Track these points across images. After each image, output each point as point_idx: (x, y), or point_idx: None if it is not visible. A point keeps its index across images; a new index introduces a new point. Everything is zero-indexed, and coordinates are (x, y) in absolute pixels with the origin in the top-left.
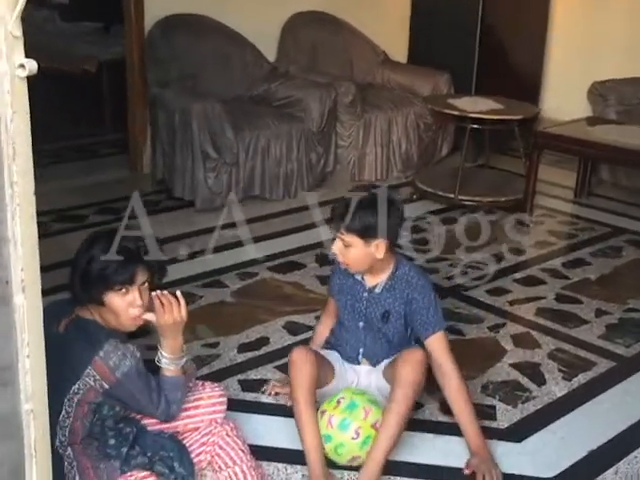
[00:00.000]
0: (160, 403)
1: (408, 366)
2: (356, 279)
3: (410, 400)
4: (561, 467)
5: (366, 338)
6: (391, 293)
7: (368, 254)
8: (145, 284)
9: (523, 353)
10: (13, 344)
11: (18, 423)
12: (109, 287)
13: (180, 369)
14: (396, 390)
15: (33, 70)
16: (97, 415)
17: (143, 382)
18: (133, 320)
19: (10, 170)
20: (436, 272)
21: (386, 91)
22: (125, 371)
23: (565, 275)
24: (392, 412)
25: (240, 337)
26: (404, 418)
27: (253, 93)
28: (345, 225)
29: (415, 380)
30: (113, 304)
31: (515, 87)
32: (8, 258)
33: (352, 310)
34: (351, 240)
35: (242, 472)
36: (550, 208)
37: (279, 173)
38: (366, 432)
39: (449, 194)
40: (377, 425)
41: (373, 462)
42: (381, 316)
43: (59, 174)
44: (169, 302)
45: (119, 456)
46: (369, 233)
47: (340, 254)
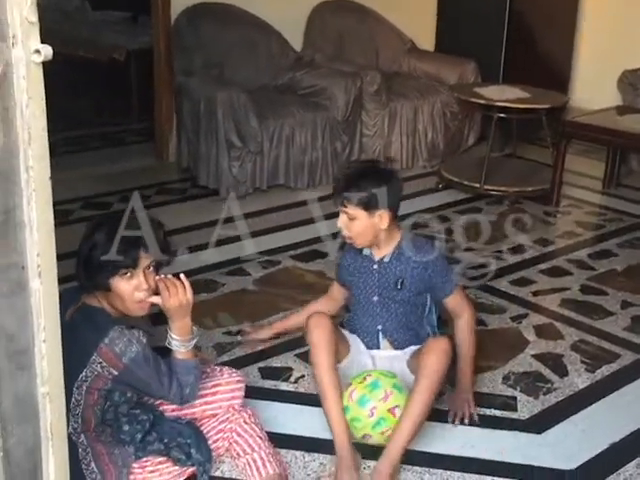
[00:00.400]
0: (172, 387)
1: (433, 355)
2: (365, 255)
3: (434, 389)
4: (582, 459)
5: (382, 311)
6: (401, 260)
7: (372, 225)
8: (150, 268)
9: (546, 344)
10: (29, 329)
11: (34, 406)
12: (114, 272)
13: (191, 352)
14: (420, 379)
15: (48, 56)
16: (108, 402)
17: (151, 367)
18: (140, 304)
19: (26, 155)
20: (460, 262)
21: (412, 80)
22: (132, 357)
23: (591, 266)
24: (416, 401)
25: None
26: (427, 407)
27: (278, 82)
28: (348, 197)
29: (439, 369)
30: (119, 289)
31: (544, 76)
32: (24, 243)
33: (365, 286)
34: (355, 212)
35: (260, 459)
36: (577, 199)
37: (304, 162)
38: (380, 413)
39: (475, 184)
40: (395, 411)
41: (394, 449)
42: (394, 284)
43: (86, 162)
44: (174, 285)
45: (133, 442)
46: (372, 204)
47: (345, 228)
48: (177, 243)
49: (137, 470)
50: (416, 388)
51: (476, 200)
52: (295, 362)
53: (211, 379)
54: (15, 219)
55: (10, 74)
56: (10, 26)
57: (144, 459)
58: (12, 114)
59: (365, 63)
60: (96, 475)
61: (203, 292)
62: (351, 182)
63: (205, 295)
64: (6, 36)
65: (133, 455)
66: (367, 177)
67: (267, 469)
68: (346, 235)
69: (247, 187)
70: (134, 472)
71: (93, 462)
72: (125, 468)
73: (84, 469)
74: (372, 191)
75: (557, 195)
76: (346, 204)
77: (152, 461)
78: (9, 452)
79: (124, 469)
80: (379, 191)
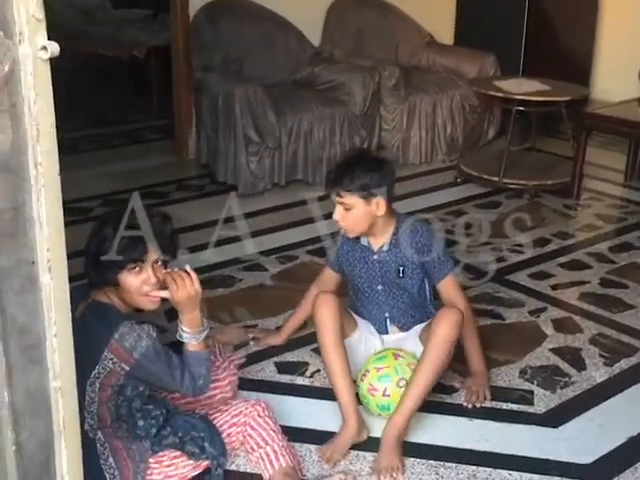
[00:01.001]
0: (184, 379)
1: (445, 324)
2: (363, 246)
3: (443, 359)
4: (599, 453)
5: (387, 299)
6: (399, 248)
7: (369, 213)
8: (159, 262)
9: (564, 338)
10: (41, 323)
11: (46, 400)
12: (122, 267)
13: (203, 344)
14: (430, 348)
15: (55, 52)
16: (121, 397)
17: (163, 360)
18: (149, 298)
19: (34, 151)
20: (477, 256)
21: (431, 74)
22: (143, 351)
23: (611, 259)
24: (423, 369)
25: (278, 320)
26: (435, 375)
27: (296, 77)
28: (344, 187)
29: (450, 338)
30: (127, 283)
31: (565, 69)
32: (34, 239)
33: (367, 276)
34: (352, 201)
35: (273, 452)
36: (598, 191)
37: (322, 157)
38: (388, 359)
39: (494, 177)
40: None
41: (400, 414)
42: (396, 272)
43: (106, 159)
44: (181, 277)
45: (148, 436)
46: (368, 191)
47: (341, 219)
48: (195, 239)
49: (154, 465)
50: (425, 356)
51: (495, 194)
52: (311, 357)
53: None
54: (25, 215)
55: (17, 71)
56: (17, 23)
57: (160, 454)
58: (20, 111)
59: (384, 58)
60: (114, 470)
61: (220, 287)
62: (345, 171)
63: (222, 290)
64: (13, 33)
65: (150, 450)
66: (360, 165)
67: (280, 462)
68: (343, 226)
69: (265, 183)
70: (151, 467)
71: (111, 457)
72: (142, 463)
73: (102, 464)
74: (367, 178)
75: (577, 188)
76: (342, 194)
77: (168, 455)
78: (22, 445)
79: (141, 464)
80: (373, 178)
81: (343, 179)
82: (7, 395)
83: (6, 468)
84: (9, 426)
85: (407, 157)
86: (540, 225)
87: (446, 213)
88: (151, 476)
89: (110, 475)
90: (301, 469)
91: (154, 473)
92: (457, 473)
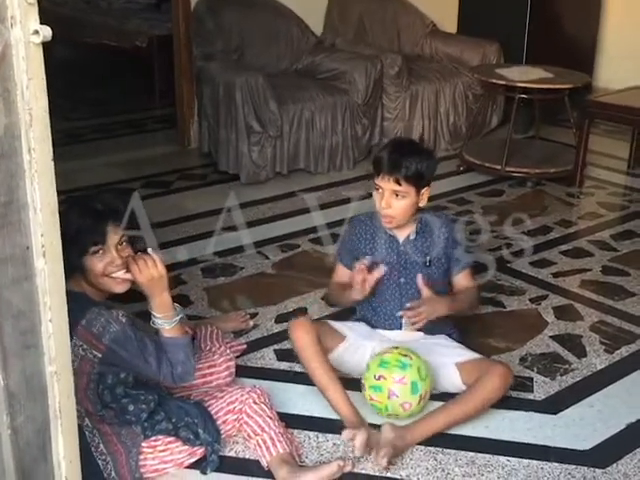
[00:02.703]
0: (161, 366)
1: (498, 382)
2: (389, 236)
3: (478, 409)
4: (597, 440)
5: (408, 294)
6: (425, 237)
7: (415, 204)
8: (123, 243)
9: (565, 325)
10: (36, 308)
11: (42, 385)
12: (85, 250)
13: (178, 328)
14: (476, 393)
15: (47, 36)
16: (101, 385)
17: (135, 346)
18: (115, 281)
19: (27, 136)
20: (480, 244)
21: (434, 62)
22: (112, 337)
23: (613, 247)
24: (459, 408)
25: (278, 308)
26: (465, 418)
27: (298, 66)
28: (403, 173)
29: (494, 397)
30: (92, 267)
31: (568, 57)
32: (28, 224)
33: (390, 269)
34: (407, 190)
35: (270, 439)
36: (601, 180)
37: (324, 146)
38: (384, 384)
39: (496, 166)
40: (406, 406)
41: (416, 433)
42: (423, 262)
43: (109, 149)
44: (142, 259)
45: (139, 421)
46: (422, 180)
47: (389, 207)
48: (197, 228)
49: (147, 450)
50: (467, 397)
51: (498, 182)
52: None
53: (206, 360)
54: (19, 200)
55: (10, 55)
56: (8, 7)
57: (153, 438)
58: (13, 95)
59: (386, 46)
60: (106, 457)
61: (222, 276)
62: (403, 158)
63: (223, 279)
64: (4, 17)
65: (142, 434)
66: (415, 155)
67: (277, 449)
68: (388, 214)
69: (267, 172)
70: (144, 452)
71: (102, 444)
72: (134, 448)
73: (94, 452)
74: (423, 167)
75: (580, 176)
76: (400, 181)
77: (162, 440)
78: (17, 430)
79: (133, 449)
80: (429, 167)
81: (402, 165)
82: (2, 379)
83: (2, 452)
84: (5, 410)
85: None
86: (542, 213)
87: (449, 201)
88: (145, 461)
89: (102, 462)
90: (300, 455)
91: (148, 458)
92: (456, 459)
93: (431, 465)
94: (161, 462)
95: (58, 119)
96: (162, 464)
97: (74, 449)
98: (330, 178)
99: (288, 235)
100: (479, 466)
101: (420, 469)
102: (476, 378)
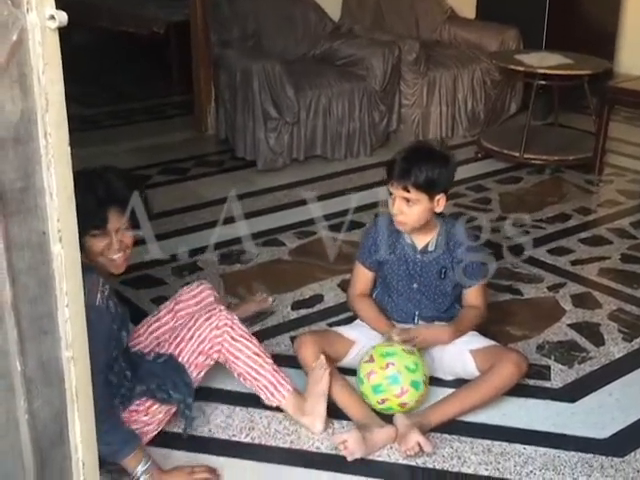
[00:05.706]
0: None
1: (511, 368)
2: (407, 243)
3: (492, 395)
4: (615, 428)
5: (422, 298)
6: (444, 249)
7: (429, 210)
8: (125, 228)
9: (583, 313)
10: (52, 293)
11: (59, 370)
12: (85, 232)
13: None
14: (489, 378)
15: (63, 22)
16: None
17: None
18: (113, 262)
19: (44, 121)
20: (497, 231)
21: (452, 48)
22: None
23: (633, 235)
24: (473, 393)
25: (294, 295)
26: (479, 403)
27: (316, 52)
28: (412, 181)
29: (511, 383)
30: (90, 247)
31: (588, 42)
32: (44, 209)
33: (406, 275)
34: (418, 196)
35: (271, 383)
36: (621, 167)
37: (341, 132)
38: (390, 404)
39: (514, 152)
40: (406, 405)
41: (429, 418)
42: (438, 274)
43: (128, 135)
44: None
45: (117, 395)
46: (434, 188)
47: (401, 213)
48: (214, 214)
49: (127, 415)
50: (481, 383)
51: (516, 169)
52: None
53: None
54: (35, 185)
55: (26, 40)
56: None
57: (135, 402)
58: (29, 80)
59: (404, 32)
60: None
61: (238, 263)
62: (414, 165)
63: (239, 266)
64: (21, 2)
65: (120, 405)
66: (428, 160)
67: (282, 393)
68: (401, 220)
69: (284, 158)
70: (125, 417)
71: None
72: None
73: None
74: (434, 174)
75: (600, 163)
76: (409, 188)
77: (144, 404)
78: (35, 414)
79: None
80: (442, 174)
81: (411, 173)
82: (19, 364)
83: (20, 437)
84: (22, 395)
85: (427, 132)
86: (561, 201)
87: (467, 188)
88: (131, 425)
89: None
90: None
91: (131, 422)
92: (472, 447)
93: (447, 452)
94: (145, 425)
95: (75, 105)
96: (146, 426)
97: (91, 433)
98: (347, 165)
99: (305, 222)
100: (495, 454)
101: (436, 456)
102: (490, 365)
